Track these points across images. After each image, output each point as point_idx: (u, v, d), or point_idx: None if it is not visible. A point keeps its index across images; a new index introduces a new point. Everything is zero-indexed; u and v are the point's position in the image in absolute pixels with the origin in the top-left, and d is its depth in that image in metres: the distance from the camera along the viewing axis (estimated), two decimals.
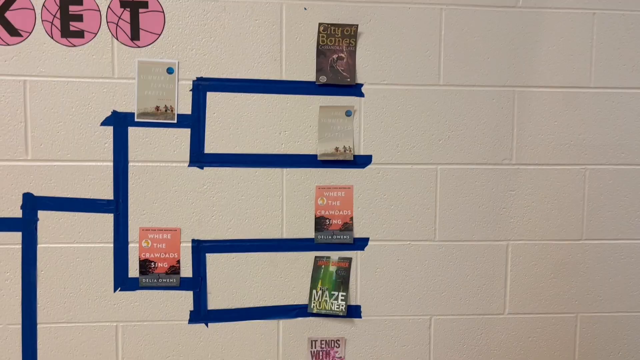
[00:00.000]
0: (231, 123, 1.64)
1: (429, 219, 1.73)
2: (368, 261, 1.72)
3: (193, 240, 1.66)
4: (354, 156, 1.68)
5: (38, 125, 1.58)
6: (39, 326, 1.62)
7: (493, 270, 1.76)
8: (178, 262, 1.65)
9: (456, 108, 1.70)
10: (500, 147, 1.73)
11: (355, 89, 1.67)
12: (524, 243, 1.76)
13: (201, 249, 1.66)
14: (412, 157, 1.70)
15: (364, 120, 1.68)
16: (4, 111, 1.56)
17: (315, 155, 1.67)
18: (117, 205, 1.62)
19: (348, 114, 1.67)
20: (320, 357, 1.72)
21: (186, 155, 1.63)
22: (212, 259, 1.67)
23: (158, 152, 1.62)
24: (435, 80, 1.69)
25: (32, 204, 1.59)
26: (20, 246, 1.60)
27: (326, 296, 1.70)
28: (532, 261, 1.77)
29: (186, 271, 1.66)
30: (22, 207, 1.59)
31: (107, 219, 1.62)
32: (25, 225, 1.59)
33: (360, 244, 1.71)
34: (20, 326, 1.61)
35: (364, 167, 1.69)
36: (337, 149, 1.67)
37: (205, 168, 1.64)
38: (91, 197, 1.61)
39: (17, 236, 1.59)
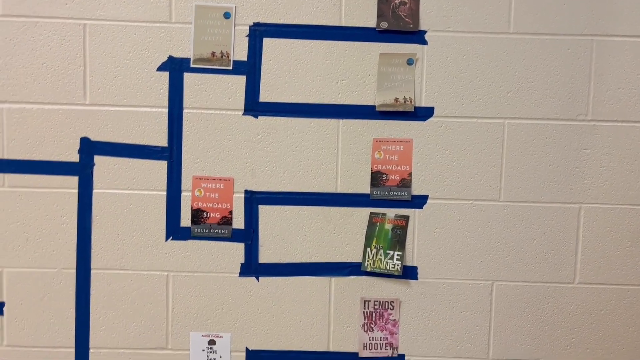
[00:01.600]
0: (287, 71, 1.59)
1: (494, 178, 1.61)
2: (426, 220, 1.63)
3: (246, 191, 1.62)
4: (415, 108, 1.59)
5: (96, 70, 1.58)
6: (92, 272, 1.62)
7: (563, 235, 1.63)
8: (230, 212, 1.62)
9: (527, 58, 1.58)
10: (575, 102, 1.59)
11: (418, 36, 1.58)
12: (598, 207, 1.62)
13: (254, 200, 1.62)
14: (478, 110, 1.60)
15: (426, 69, 1.59)
16: (64, 55, 1.57)
17: (374, 106, 1.60)
18: (171, 153, 1.60)
19: (410, 62, 1.58)
20: (373, 318, 1.64)
21: (241, 104, 1.59)
22: (264, 211, 1.62)
23: (213, 99, 1.59)
24: (504, 27, 1.58)
25: (89, 148, 1.59)
26: (77, 191, 1.60)
27: (381, 255, 1.62)
28: (607, 227, 1.62)
29: (238, 222, 1.62)
30: (79, 152, 1.59)
31: (161, 166, 1.61)
32: (82, 169, 1.60)
33: (419, 201, 1.62)
34: (74, 271, 1.62)
35: (425, 119, 1.60)
36: (396, 99, 1.59)
37: (259, 117, 1.60)
38: (146, 144, 1.60)
39: (74, 180, 1.60)
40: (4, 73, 1.57)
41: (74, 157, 1.60)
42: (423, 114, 1.60)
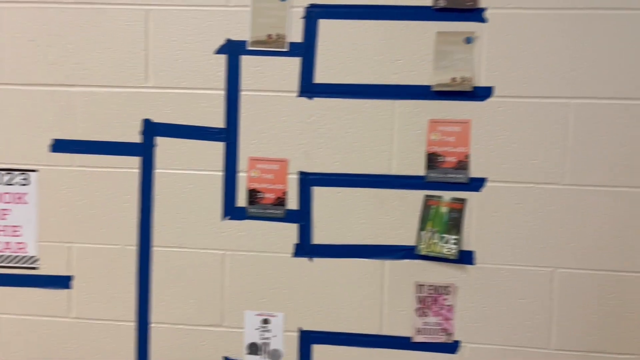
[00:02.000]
0: (342, 52, 1.58)
1: (558, 160, 1.54)
2: (484, 203, 1.58)
3: (300, 172, 1.63)
4: (473, 87, 1.55)
5: (158, 54, 1.63)
6: (153, 249, 1.68)
7: (632, 221, 1.53)
8: (284, 193, 1.63)
9: (595, 34, 1.50)
10: None
11: (477, 14, 1.53)
12: None
13: (307, 181, 1.62)
14: (541, 89, 1.53)
15: (486, 48, 1.54)
16: (128, 40, 1.64)
17: (430, 87, 1.56)
18: (228, 134, 1.63)
19: (468, 41, 1.54)
20: (428, 303, 1.61)
21: (296, 85, 1.60)
22: (317, 192, 1.63)
23: (268, 81, 1.61)
24: (570, 2, 1.50)
25: (151, 130, 1.65)
26: (139, 171, 1.67)
27: (436, 238, 1.59)
28: None
29: (292, 203, 1.64)
30: (141, 133, 1.66)
31: (218, 148, 1.64)
32: (144, 150, 1.66)
33: (476, 184, 1.58)
34: (136, 247, 1.69)
35: (483, 99, 1.55)
36: (454, 79, 1.55)
37: (314, 99, 1.60)
38: (204, 125, 1.64)
39: (136, 161, 1.67)
40: (75, 58, 1.65)
41: (137, 138, 1.66)
42: (482, 94, 1.55)
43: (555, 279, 1.57)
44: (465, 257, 1.59)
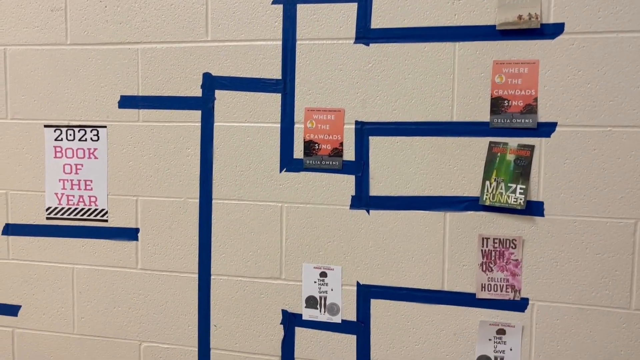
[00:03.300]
0: None
1: (638, 101, 1.40)
2: (555, 150, 1.47)
3: (356, 122, 1.59)
4: (541, 25, 1.44)
5: (217, 7, 1.66)
6: (213, 201, 1.71)
7: None
8: (341, 144, 1.61)
9: None
10: None
11: None
12: None
13: (364, 131, 1.59)
14: (618, 23, 1.40)
15: None
16: None
17: (494, 26, 1.47)
18: (285, 85, 1.63)
19: None
20: (493, 257, 1.52)
21: (352, 32, 1.57)
22: (375, 142, 1.58)
23: (325, 28, 1.59)
24: None
25: (211, 83, 1.68)
26: (200, 124, 1.70)
27: (501, 188, 1.50)
28: None
29: (349, 154, 1.60)
30: (201, 87, 1.69)
31: (275, 99, 1.64)
32: (204, 103, 1.69)
33: (546, 129, 1.47)
34: (198, 200, 1.72)
35: (553, 37, 1.44)
36: (520, 16, 1.45)
37: (370, 45, 1.56)
38: (261, 77, 1.64)
39: (197, 114, 1.70)
40: (139, 16, 1.71)
41: (198, 92, 1.69)
42: (551, 31, 1.44)
43: (638, 232, 1.43)
44: (533, 208, 1.49)
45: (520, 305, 1.51)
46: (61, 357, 1.86)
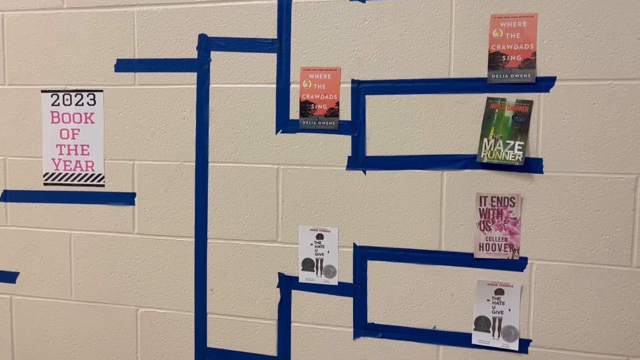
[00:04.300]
0: None
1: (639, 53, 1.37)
2: (554, 105, 1.44)
3: (353, 81, 1.57)
4: None
5: None
6: (209, 164, 1.70)
7: None
8: (337, 104, 1.59)
9: None
10: None
11: None
12: None
13: (361, 90, 1.57)
14: None
15: None
16: None
17: None
18: (281, 45, 1.61)
19: None
20: (491, 216, 1.50)
21: None
22: (371, 101, 1.56)
23: None
24: None
25: (206, 44, 1.67)
26: (195, 86, 1.69)
27: (500, 145, 1.47)
28: None
29: (345, 114, 1.58)
30: (197, 48, 1.68)
31: (271, 59, 1.63)
32: (199, 65, 1.68)
33: (545, 84, 1.44)
34: (194, 164, 1.71)
35: None
36: None
37: (367, 2, 1.54)
38: (257, 37, 1.63)
39: (193, 77, 1.69)
40: None
41: (193, 54, 1.68)
42: None
43: (639, 188, 1.40)
44: (532, 165, 1.46)
45: (518, 264, 1.49)
46: (59, 324, 1.86)
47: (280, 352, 1.68)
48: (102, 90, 1.76)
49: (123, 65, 1.74)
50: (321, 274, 1.63)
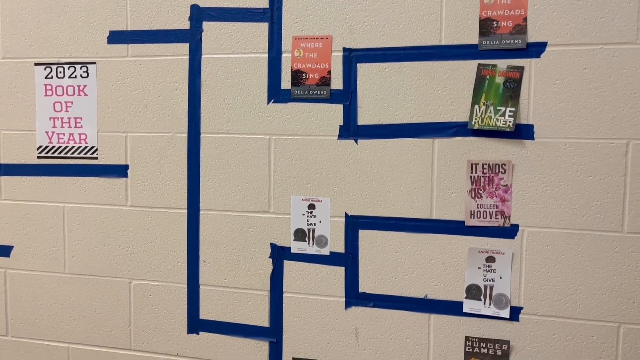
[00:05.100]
0: None
1: (631, 16, 1.37)
2: (545, 71, 1.43)
3: (344, 49, 1.57)
4: None
5: None
6: (202, 135, 1.70)
7: None
8: (329, 72, 1.59)
9: None
10: None
11: None
12: None
13: (352, 58, 1.56)
14: None
15: None
16: None
17: None
18: (272, 14, 1.61)
19: None
20: (482, 184, 1.50)
21: None
22: (363, 69, 1.56)
23: None
24: None
25: (198, 14, 1.67)
26: (188, 57, 1.69)
27: (491, 112, 1.47)
28: None
29: (336, 83, 1.58)
30: (189, 19, 1.68)
31: (263, 29, 1.63)
32: (191, 36, 1.68)
33: (536, 49, 1.44)
34: (186, 135, 1.71)
35: None
36: None
37: None
38: (248, 7, 1.63)
39: (185, 47, 1.69)
40: None
41: (186, 25, 1.68)
42: None
43: (629, 153, 1.40)
44: (523, 132, 1.46)
45: (510, 231, 1.49)
46: (53, 297, 1.87)
47: (272, 323, 1.68)
48: (95, 63, 1.77)
49: (116, 37, 1.74)
50: (313, 244, 1.63)
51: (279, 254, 1.66)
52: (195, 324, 1.74)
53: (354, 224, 1.60)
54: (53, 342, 1.88)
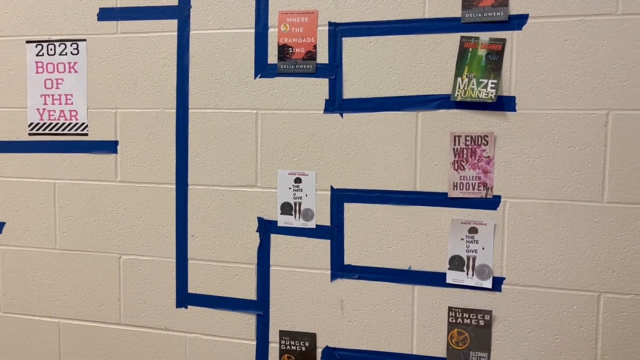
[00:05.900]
0: None
1: None
2: (526, 43, 1.45)
3: (330, 23, 1.59)
4: None
5: None
6: (190, 111, 1.72)
7: None
8: (315, 47, 1.60)
9: None
10: None
11: None
12: None
13: (337, 32, 1.58)
14: None
15: None
16: None
17: None
18: None
19: None
20: (465, 155, 1.52)
21: None
22: (348, 43, 1.58)
23: None
24: None
25: None
26: (176, 33, 1.71)
27: (473, 84, 1.49)
28: None
29: (322, 57, 1.60)
30: None
31: (250, 4, 1.64)
32: (180, 12, 1.70)
33: (517, 22, 1.45)
34: (174, 110, 1.73)
35: None
36: None
37: None
38: None
39: (173, 24, 1.71)
40: None
41: (174, 1, 1.70)
42: None
43: (609, 123, 1.41)
44: (505, 103, 1.47)
45: (492, 203, 1.50)
46: (44, 273, 1.89)
47: (259, 296, 1.70)
48: (85, 40, 1.79)
49: (106, 14, 1.76)
50: (299, 217, 1.65)
51: (266, 228, 1.68)
52: (184, 298, 1.76)
53: (340, 197, 1.62)
54: (44, 317, 1.90)
